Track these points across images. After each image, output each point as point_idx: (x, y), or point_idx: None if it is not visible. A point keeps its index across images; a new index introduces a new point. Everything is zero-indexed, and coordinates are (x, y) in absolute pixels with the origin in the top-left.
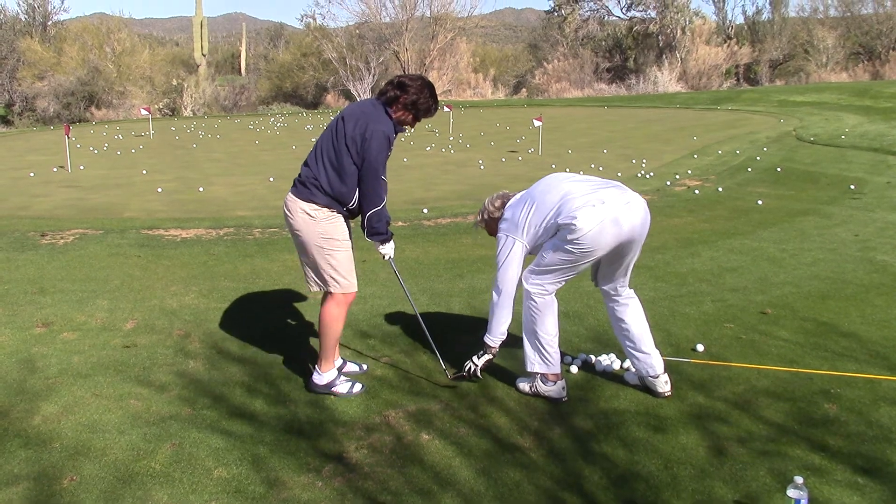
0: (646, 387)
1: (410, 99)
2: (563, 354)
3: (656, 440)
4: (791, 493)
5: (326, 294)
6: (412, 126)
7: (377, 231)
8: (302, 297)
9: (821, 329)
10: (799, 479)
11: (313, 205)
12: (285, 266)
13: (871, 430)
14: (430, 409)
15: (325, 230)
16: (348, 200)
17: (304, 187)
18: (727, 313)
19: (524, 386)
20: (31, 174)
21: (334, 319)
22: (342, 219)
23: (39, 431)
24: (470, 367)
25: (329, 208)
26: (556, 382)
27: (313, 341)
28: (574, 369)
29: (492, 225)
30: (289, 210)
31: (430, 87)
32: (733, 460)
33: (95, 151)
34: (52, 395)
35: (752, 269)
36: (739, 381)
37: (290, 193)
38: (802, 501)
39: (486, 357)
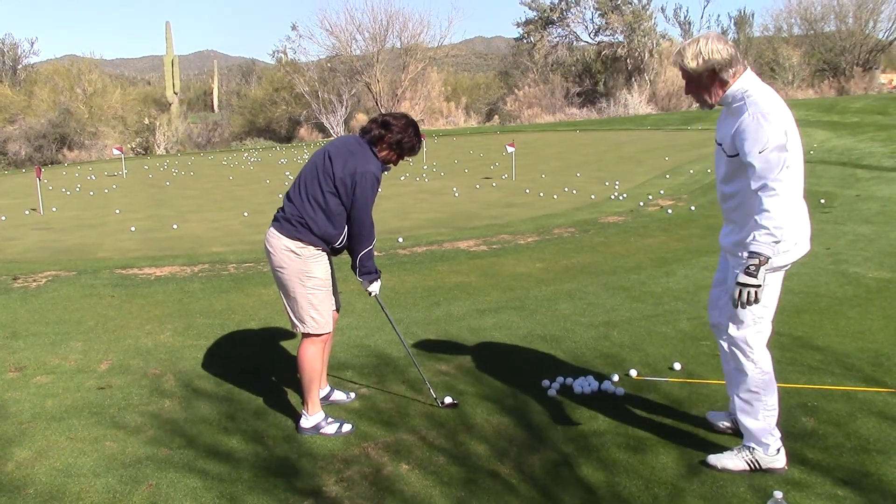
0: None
1: (395, 138)
2: (541, 378)
3: (636, 461)
4: None
5: (303, 335)
6: (395, 164)
7: (368, 270)
8: (278, 332)
9: (796, 343)
10: (779, 494)
11: (299, 242)
12: (261, 301)
13: (850, 442)
14: (408, 440)
15: (310, 269)
16: (336, 240)
17: (290, 224)
18: (703, 331)
19: (737, 462)
20: (2, 218)
21: (312, 359)
22: (326, 257)
23: (13, 478)
24: (749, 292)
25: (315, 246)
26: (780, 451)
27: (289, 376)
28: (552, 393)
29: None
30: (271, 247)
31: (415, 126)
32: (713, 478)
33: (68, 193)
34: (25, 439)
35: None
36: (717, 398)
37: (272, 229)
38: None
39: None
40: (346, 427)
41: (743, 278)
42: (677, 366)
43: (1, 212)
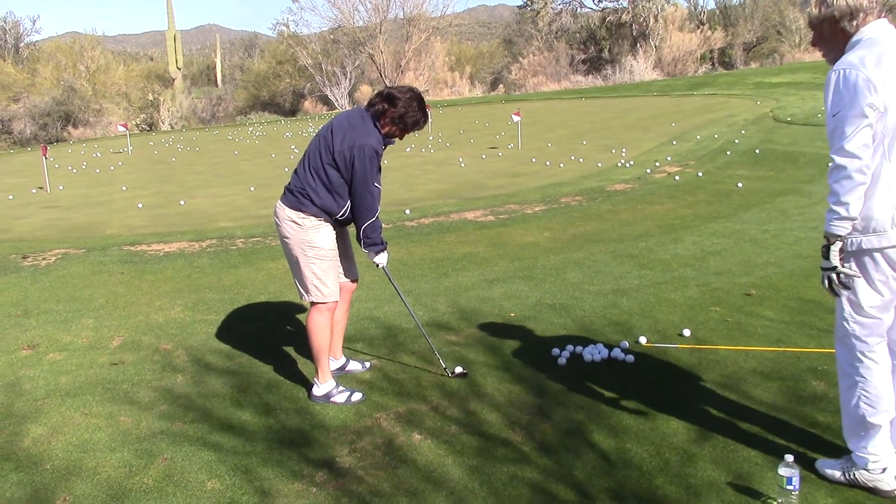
0: None
1: (398, 112)
2: (550, 347)
3: (646, 427)
4: (782, 471)
5: (311, 305)
6: (401, 138)
7: (373, 242)
8: (287, 306)
9: (806, 307)
10: (790, 458)
11: (301, 213)
12: (270, 275)
13: None
14: (420, 410)
15: (311, 239)
16: (337, 212)
17: (293, 196)
18: (712, 297)
19: (834, 472)
20: (11, 197)
21: (320, 328)
22: (329, 228)
23: (30, 454)
24: (827, 276)
25: (316, 217)
26: (884, 470)
27: (300, 348)
28: (562, 361)
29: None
30: (277, 217)
31: (420, 100)
32: (724, 442)
33: (74, 171)
34: (40, 416)
35: (736, 252)
36: (727, 364)
37: (279, 201)
38: (794, 479)
39: (839, 247)
40: (357, 396)
41: (822, 262)
42: (686, 332)
43: (8, 191)
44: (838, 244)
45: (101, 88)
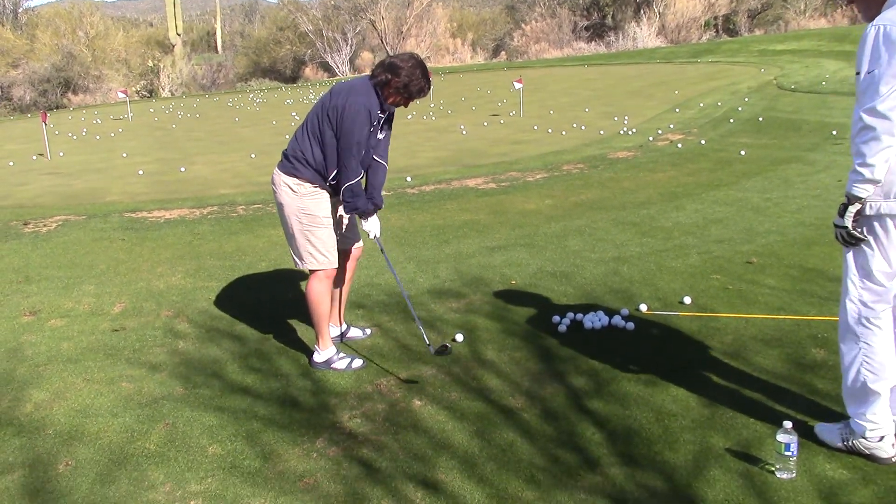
0: None
1: (402, 82)
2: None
3: (647, 394)
4: (780, 437)
5: (310, 272)
6: (405, 105)
7: (353, 206)
8: (288, 272)
9: (807, 275)
10: (788, 424)
11: (295, 179)
12: (271, 242)
13: None
14: (422, 376)
15: (307, 206)
16: (328, 173)
17: (288, 161)
18: (713, 265)
19: (832, 439)
20: (11, 163)
21: (319, 295)
22: (326, 196)
23: (32, 419)
24: (841, 233)
25: (312, 183)
26: (882, 438)
27: (301, 315)
28: (562, 328)
29: None
30: (274, 184)
31: (422, 67)
32: (724, 409)
33: (74, 137)
34: (42, 382)
35: (737, 220)
36: (728, 332)
37: (276, 167)
38: (792, 445)
39: (856, 209)
40: (357, 363)
41: (835, 218)
42: (687, 300)
43: (8, 157)
44: (856, 206)
45: (100, 54)
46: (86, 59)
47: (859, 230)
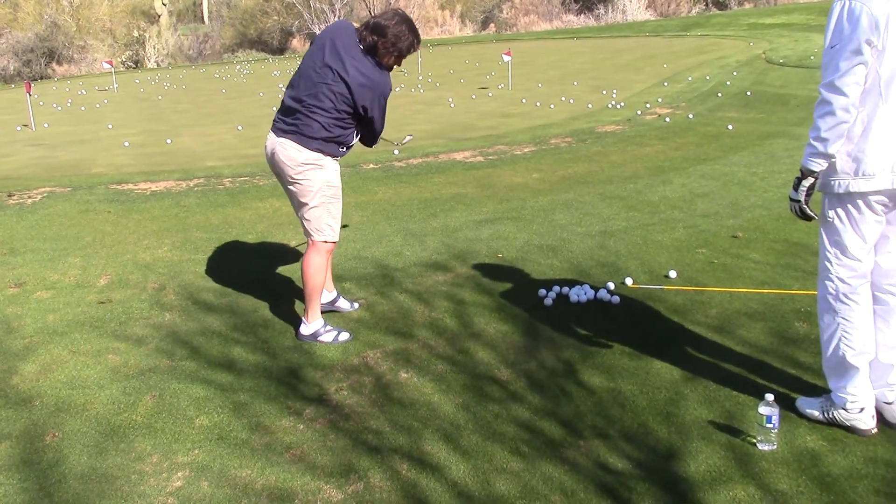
0: None
1: (390, 42)
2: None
3: (632, 367)
4: (762, 409)
5: (309, 245)
6: (399, 64)
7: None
8: (275, 245)
9: (792, 249)
10: (770, 397)
11: (320, 154)
12: (258, 214)
13: None
14: (408, 348)
15: (331, 178)
16: (349, 140)
17: (308, 138)
18: (699, 239)
19: (813, 412)
20: None
21: (317, 268)
22: (337, 164)
23: (19, 391)
24: (794, 207)
25: (333, 156)
26: (862, 410)
27: (289, 287)
28: (548, 302)
29: None
30: (290, 161)
31: (408, 22)
32: (708, 382)
33: (59, 108)
34: (29, 354)
35: (723, 194)
36: (713, 305)
37: (291, 142)
38: (773, 418)
39: (809, 183)
40: (344, 336)
41: (790, 192)
42: (673, 273)
43: None
44: (810, 180)
45: (85, 24)
46: (70, 29)
47: (811, 210)
